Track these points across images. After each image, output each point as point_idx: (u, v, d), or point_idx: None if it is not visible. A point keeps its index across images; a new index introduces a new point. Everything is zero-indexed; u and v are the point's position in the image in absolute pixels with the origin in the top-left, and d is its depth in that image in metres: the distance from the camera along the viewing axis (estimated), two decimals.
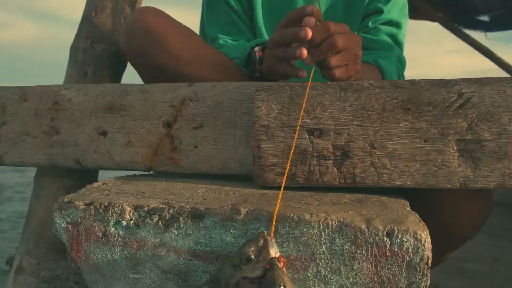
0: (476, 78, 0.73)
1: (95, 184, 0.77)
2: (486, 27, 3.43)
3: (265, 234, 0.56)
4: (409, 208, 0.66)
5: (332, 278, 0.57)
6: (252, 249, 0.54)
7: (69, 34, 1.10)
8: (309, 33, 0.74)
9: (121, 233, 0.61)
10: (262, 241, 0.55)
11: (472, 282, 1.76)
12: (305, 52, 0.75)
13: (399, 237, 0.56)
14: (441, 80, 0.74)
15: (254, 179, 0.78)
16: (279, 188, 0.62)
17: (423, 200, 0.78)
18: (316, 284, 0.57)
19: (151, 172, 0.95)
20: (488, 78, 0.73)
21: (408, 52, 1.16)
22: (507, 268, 1.92)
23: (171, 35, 0.92)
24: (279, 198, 0.59)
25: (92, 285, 0.62)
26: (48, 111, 0.94)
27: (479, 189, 0.73)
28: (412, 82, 0.74)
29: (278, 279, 0.51)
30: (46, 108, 0.94)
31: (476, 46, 3.62)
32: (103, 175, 1.00)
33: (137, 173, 0.95)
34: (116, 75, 1.12)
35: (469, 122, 0.72)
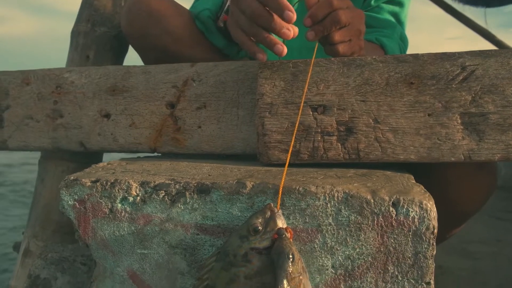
0: (479, 51, 0.72)
1: (100, 164, 0.77)
2: (486, 3, 3.40)
3: (272, 205, 0.56)
4: (413, 181, 0.66)
5: (338, 249, 0.58)
6: (260, 220, 0.55)
7: (68, 27, 1.10)
8: (294, 17, 0.66)
9: (128, 209, 0.62)
10: (269, 213, 0.55)
11: (475, 262, 1.77)
12: (289, 34, 0.67)
13: (405, 207, 0.57)
14: (444, 53, 0.73)
15: (258, 157, 0.78)
16: (283, 165, 0.62)
17: (427, 176, 0.78)
18: (323, 255, 0.58)
19: (155, 154, 0.95)
20: (491, 50, 0.72)
21: (409, 39, 1.15)
22: (510, 249, 1.93)
23: (174, 16, 0.92)
24: (285, 170, 0.60)
25: (101, 261, 0.63)
26: (51, 94, 0.94)
27: (483, 162, 0.73)
28: (415, 56, 0.74)
29: (287, 248, 0.52)
30: (49, 92, 0.94)
31: (478, 30, 3.59)
32: (106, 158, 1.01)
33: (141, 155, 0.95)
34: (118, 59, 1.11)
35: (473, 95, 0.72)
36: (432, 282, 0.57)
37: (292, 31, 0.69)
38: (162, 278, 0.62)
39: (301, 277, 0.52)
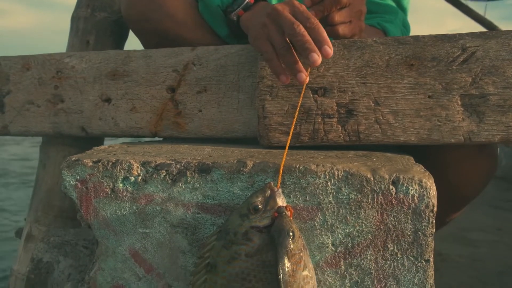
0: (480, 32, 0.72)
1: (102, 147, 0.77)
2: None
3: (272, 184, 0.56)
4: (413, 161, 0.67)
5: (338, 226, 0.58)
6: (260, 199, 0.55)
7: (67, 20, 1.09)
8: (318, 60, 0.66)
9: (129, 188, 0.62)
10: (269, 191, 0.56)
11: (475, 250, 1.78)
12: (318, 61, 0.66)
13: (405, 185, 0.57)
14: (445, 35, 0.73)
15: (259, 140, 0.79)
16: (284, 147, 0.62)
17: (427, 159, 0.78)
18: (323, 233, 0.58)
19: (156, 139, 0.95)
20: (492, 31, 0.72)
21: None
22: (510, 237, 1.94)
23: (176, 0, 0.91)
24: (286, 150, 0.60)
25: (103, 241, 0.63)
26: (52, 79, 0.94)
27: (483, 144, 0.73)
28: (416, 37, 0.74)
29: (287, 225, 0.52)
30: (49, 77, 0.94)
31: (479, 20, 3.58)
32: (107, 144, 1.01)
33: (142, 140, 0.96)
34: (118, 44, 1.11)
35: (473, 77, 0.72)
36: (431, 259, 0.58)
37: (320, 58, 0.67)
38: (163, 257, 0.62)
39: (301, 254, 0.53)
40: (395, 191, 0.57)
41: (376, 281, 0.58)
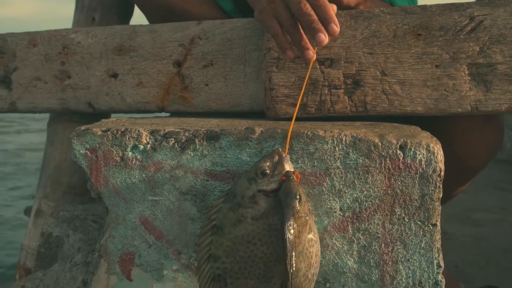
0: (488, 0, 0.72)
1: (110, 119, 0.78)
2: None
3: (280, 150, 0.57)
4: (420, 129, 0.67)
5: (346, 192, 0.59)
6: (268, 164, 0.55)
7: (68, 9, 1.09)
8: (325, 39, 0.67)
9: (139, 156, 0.63)
10: (277, 157, 0.56)
11: (480, 229, 1.79)
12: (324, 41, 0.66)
13: (412, 149, 0.57)
14: (452, 4, 0.73)
15: (265, 112, 0.79)
16: (290, 119, 0.62)
17: (433, 131, 0.79)
18: (331, 198, 0.59)
19: (163, 114, 0.96)
20: (500, 0, 0.72)
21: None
22: None
23: None
24: (294, 116, 0.60)
25: (113, 208, 0.64)
26: (58, 55, 0.95)
27: (490, 113, 0.73)
28: (423, 7, 0.73)
29: (294, 189, 0.53)
30: (55, 53, 0.95)
31: None
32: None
33: (149, 116, 0.96)
34: (123, 21, 1.11)
35: (481, 46, 0.72)
36: (438, 224, 0.58)
37: (327, 38, 0.67)
38: (173, 224, 0.63)
39: (307, 217, 0.53)
40: (402, 156, 0.57)
41: (383, 245, 0.59)
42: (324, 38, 0.67)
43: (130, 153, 0.63)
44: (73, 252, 0.89)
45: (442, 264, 0.59)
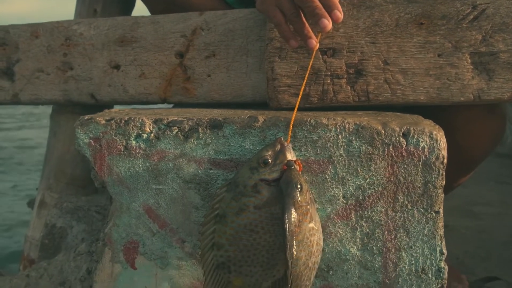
0: None
1: (113, 110, 0.78)
2: None
3: (282, 139, 0.57)
4: (422, 118, 0.67)
5: (349, 179, 0.59)
6: (270, 153, 0.56)
7: (71, 3, 1.09)
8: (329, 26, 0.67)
9: (142, 145, 0.63)
10: (279, 146, 0.56)
11: (481, 222, 1.79)
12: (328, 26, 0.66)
13: (415, 137, 0.57)
14: None
15: (268, 102, 0.79)
16: (293, 109, 0.62)
17: (435, 122, 0.79)
18: (334, 186, 0.59)
19: (165, 105, 0.96)
20: None
21: None
22: None
23: None
24: (297, 104, 0.60)
25: (117, 197, 0.64)
26: (61, 47, 0.95)
27: (492, 102, 0.73)
28: None
29: (295, 178, 0.53)
30: (58, 44, 0.95)
31: None
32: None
33: (152, 108, 0.96)
34: (125, 13, 1.11)
35: (484, 34, 0.72)
36: (441, 211, 0.59)
37: (330, 24, 0.67)
38: (177, 212, 0.63)
39: (308, 206, 0.53)
40: (405, 143, 0.58)
41: (386, 232, 0.59)
42: (328, 23, 0.66)
43: (134, 142, 0.63)
44: (76, 242, 0.89)
45: (445, 251, 0.59)
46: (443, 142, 0.58)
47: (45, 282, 0.72)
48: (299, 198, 0.52)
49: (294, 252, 0.51)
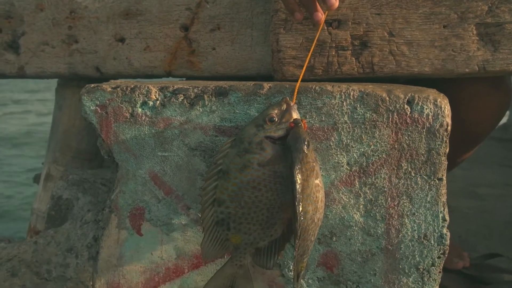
0: None
1: (118, 80, 0.78)
2: None
3: (288, 99, 0.57)
4: (426, 88, 0.67)
5: (354, 146, 0.59)
6: (276, 111, 0.56)
7: None
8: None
9: (148, 113, 0.64)
10: (285, 105, 0.57)
11: (483, 203, 1.80)
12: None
13: (420, 104, 0.58)
14: None
15: (273, 74, 0.79)
16: (297, 81, 0.62)
17: None
18: (338, 153, 0.60)
19: (170, 79, 0.96)
20: None
21: None
22: None
23: None
24: (302, 72, 0.61)
25: (123, 164, 0.65)
26: (65, 20, 0.95)
27: (497, 73, 0.73)
28: None
29: (303, 134, 0.53)
30: (63, 17, 0.95)
31: None
32: None
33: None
34: None
35: (490, 5, 0.71)
36: (444, 178, 0.59)
37: (337, 2, 0.67)
38: (182, 179, 0.64)
39: (314, 164, 0.54)
40: (410, 110, 0.58)
41: (389, 199, 0.60)
42: (335, 2, 0.66)
43: (140, 109, 0.64)
44: (82, 214, 0.91)
45: (447, 217, 0.60)
46: (447, 110, 0.58)
47: (52, 249, 0.74)
48: (307, 153, 0.53)
49: (302, 205, 0.51)
